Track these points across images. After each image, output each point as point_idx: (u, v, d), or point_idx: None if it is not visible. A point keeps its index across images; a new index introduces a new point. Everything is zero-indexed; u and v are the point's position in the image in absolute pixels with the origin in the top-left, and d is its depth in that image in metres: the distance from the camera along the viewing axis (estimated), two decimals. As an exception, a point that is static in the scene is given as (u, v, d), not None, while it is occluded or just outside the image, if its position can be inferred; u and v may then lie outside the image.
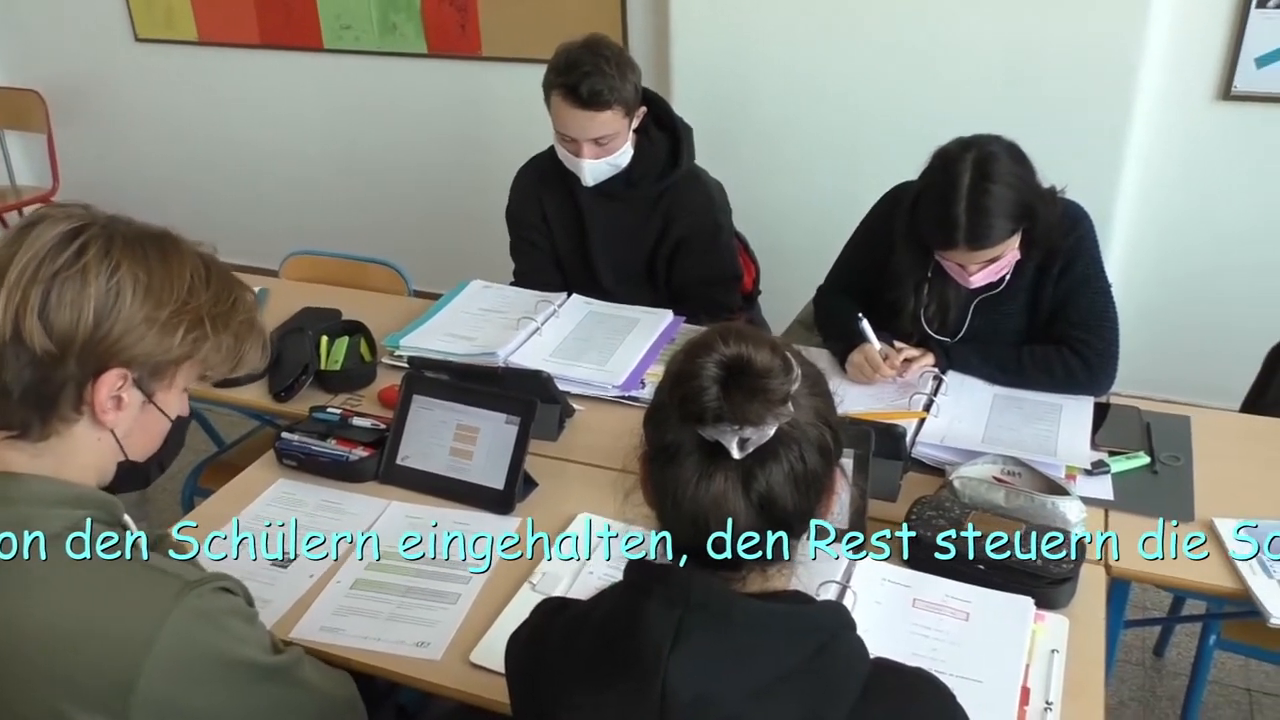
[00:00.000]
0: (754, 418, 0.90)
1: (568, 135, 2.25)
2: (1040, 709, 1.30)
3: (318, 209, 4.19)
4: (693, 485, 0.93)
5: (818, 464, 0.95)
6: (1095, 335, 1.98)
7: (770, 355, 0.91)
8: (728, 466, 0.92)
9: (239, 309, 1.22)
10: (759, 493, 0.92)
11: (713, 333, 0.92)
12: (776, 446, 0.92)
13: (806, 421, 0.94)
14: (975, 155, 1.84)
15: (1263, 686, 2.40)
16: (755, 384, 0.89)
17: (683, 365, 0.91)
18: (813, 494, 0.96)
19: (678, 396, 0.91)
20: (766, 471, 0.92)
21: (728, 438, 0.91)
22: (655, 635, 0.91)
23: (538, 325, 2.22)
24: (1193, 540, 1.60)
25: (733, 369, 0.90)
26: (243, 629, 1.14)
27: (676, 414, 0.92)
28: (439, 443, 1.80)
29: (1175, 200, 2.99)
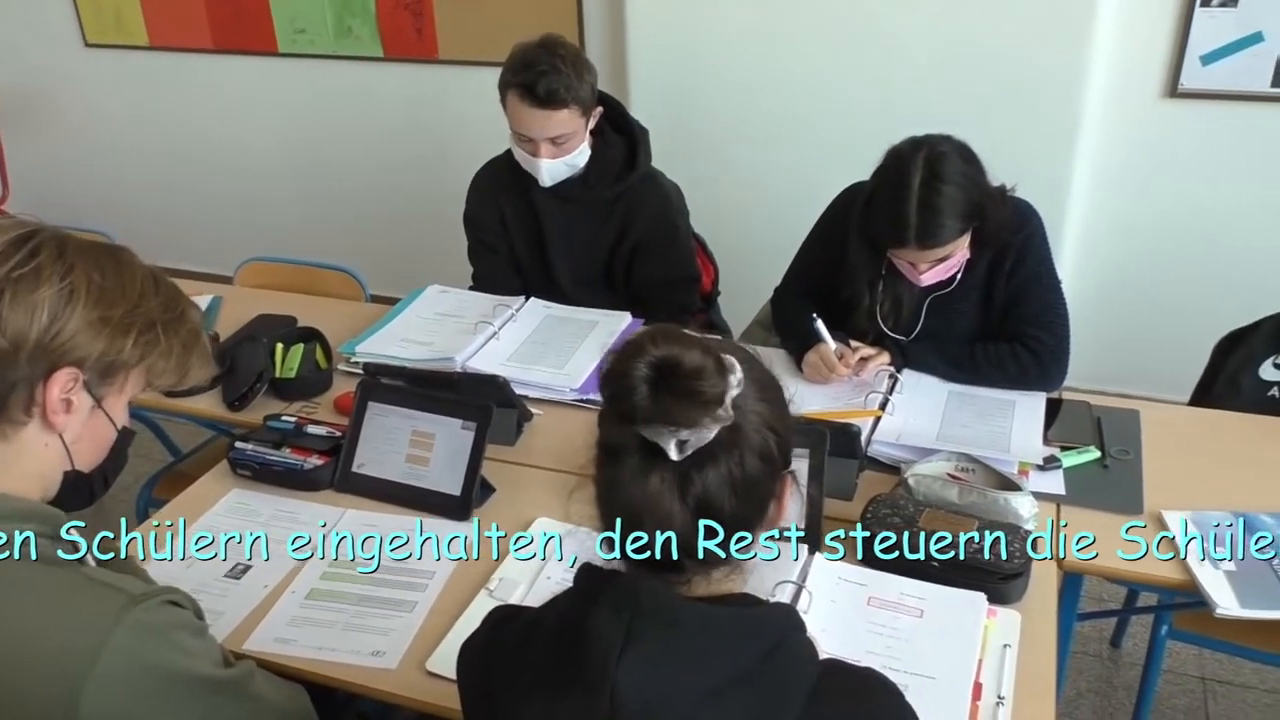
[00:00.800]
0: (685, 419, 0.89)
1: (525, 135, 2.24)
2: (992, 704, 1.31)
3: (274, 215, 4.15)
4: (629, 485, 0.93)
5: (759, 471, 0.95)
6: (1046, 332, 2.00)
7: (701, 356, 0.91)
8: (665, 468, 0.91)
9: (187, 319, 1.23)
10: (695, 496, 0.92)
11: (644, 333, 0.92)
12: (716, 450, 0.92)
13: (751, 427, 0.94)
14: (926, 155, 1.86)
15: (1216, 675, 2.44)
16: (684, 385, 0.89)
17: (613, 365, 0.91)
18: (753, 501, 0.96)
19: (608, 396, 0.91)
20: (704, 475, 0.92)
21: (665, 439, 0.91)
22: (604, 641, 0.91)
23: (495, 329, 2.21)
24: (1141, 533, 1.63)
25: (662, 369, 0.89)
26: (191, 643, 1.13)
27: (613, 414, 0.92)
28: (395, 450, 1.79)
29: (1125, 196, 3.04)
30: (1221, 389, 2.09)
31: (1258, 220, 2.94)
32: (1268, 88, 2.76)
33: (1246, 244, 2.98)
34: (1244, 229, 2.97)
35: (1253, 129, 2.84)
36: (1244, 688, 2.41)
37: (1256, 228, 2.95)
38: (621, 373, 0.90)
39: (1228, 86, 2.79)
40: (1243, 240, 2.98)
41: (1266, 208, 2.92)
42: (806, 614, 1.44)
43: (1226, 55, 2.77)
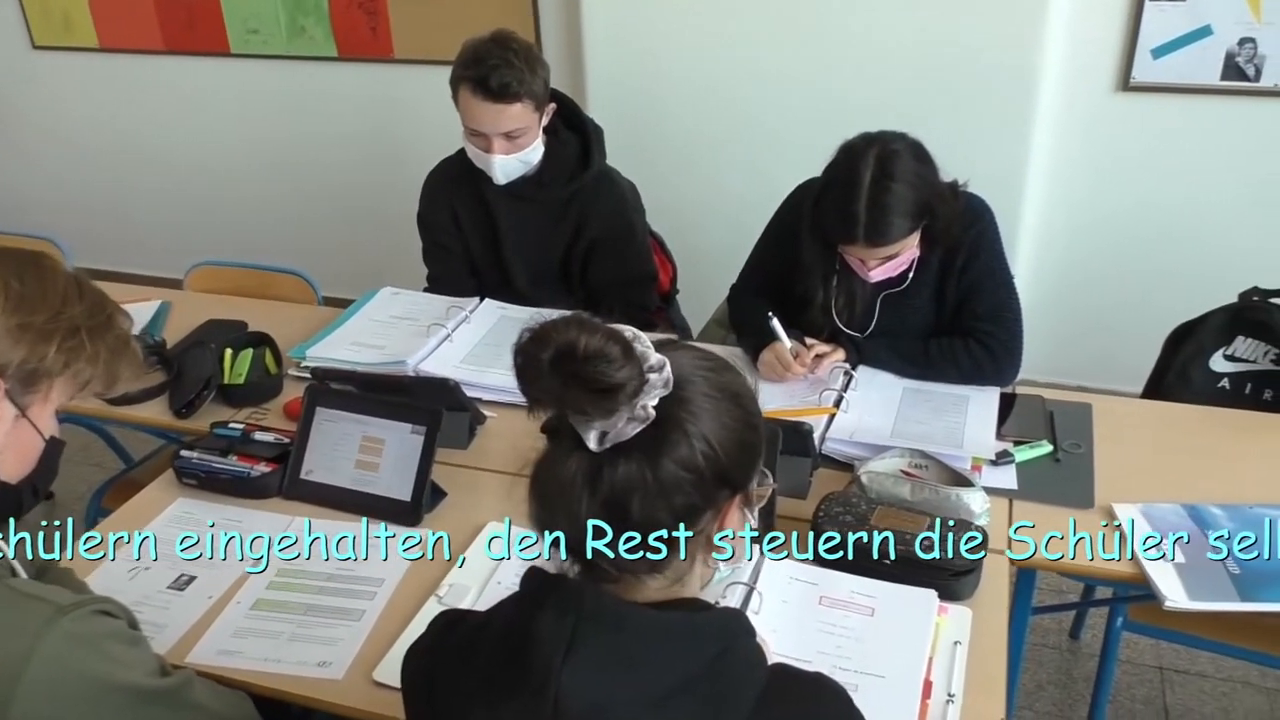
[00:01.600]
0: (586, 407, 0.88)
1: (477, 130, 2.21)
2: (942, 701, 1.31)
3: (227, 217, 4.10)
4: (551, 467, 0.92)
5: (679, 481, 0.91)
6: (999, 327, 2.01)
7: (604, 342, 0.88)
8: (581, 456, 0.91)
9: (113, 326, 1.21)
10: (604, 492, 0.90)
11: (560, 318, 0.90)
12: (632, 449, 0.90)
13: (681, 433, 0.91)
14: (878, 152, 1.86)
15: (1174, 664, 2.46)
16: (581, 369, 0.87)
17: (519, 346, 0.90)
18: (669, 511, 0.92)
19: (516, 376, 0.90)
20: (614, 470, 0.90)
21: (583, 426, 0.90)
22: (548, 645, 0.90)
23: (448, 332, 2.19)
24: (1092, 527, 1.63)
25: (560, 351, 0.87)
26: (124, 652, 1.11)
27: (523, 393, 0.91)
28: (344, 455, 1.76)
29: (1080, 190, 3.06)
30: (1173, 381, 2.10)
31: (1209, 213, 2.97)
32: (1217, 81, 2.78)
33: (1199, 236, 3.00)
34: (1196, 221, 2.99)
35: (1203, 122, 2.86)
36: (1200, 676, 2.43)
37: (1208, 220, 2.98)
38: (526, 353, 0.89)
39: (1178, 80, 2.82)
40: (1195, 233, 3.01)
41: (1217, 200, 2.95)
42: (757, 615, 1.43)
43: (1176, 49, 2.79)
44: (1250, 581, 1.48)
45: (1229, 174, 2.90)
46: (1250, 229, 2.95)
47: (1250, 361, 2.05)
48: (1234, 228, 2.96)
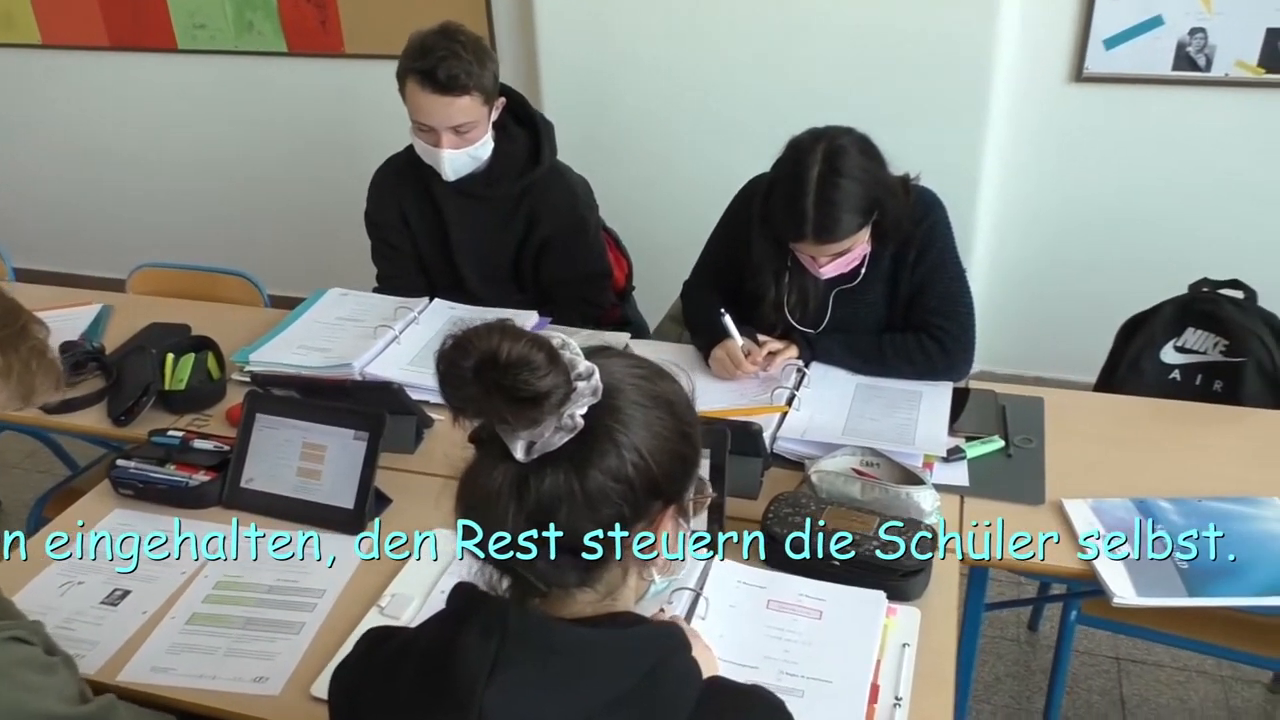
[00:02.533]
0: (510, 416, 0.85)
1: (425, 124, 2.16)
2: (889, 705, 1.29)
3: (172, 217, 4.03)
4: (478, 477, 0.89)
5: (608, 492, 0.89)
6: (951, 321, 1.99)
7: (527, 349, 0.85)
8: (508, 467, 0.88)
9: (28, 336, 1.16)
10: (531, 504, 0.88)
11: (482, 325, 0.87)
12: (559, 459, 0.88)
13: (611, 444, 0.89)
14: (825, 148, 1.83)
15: (1130, 655, 2.47)
16: (504, 377, 0.84)
17: (441, 354, 0.86)
18: (596, 523, 0.89)
19: (439, 385, 0.87)
20: (540, 480, 0.87)
21: (509, 437, 0.87)
22: (471, 666, 0.87)
23: (396, 333, 2.15)
24: (1042, 523, 1.62)
25: (484, 361, 0.84)
26: (37, 680, 1.07)
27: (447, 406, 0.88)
28: (285, 463, 1.72)
29: (1035, 181, 3.05)
30: (1125, 373, 2.10)
31: (1162, 203, 2.98)
32: (1168, 71, 2.79)
33: (1153, 227, 3.01)
34: (1150, 212, 3.00)
35: (1155, 112, 2.87)
36: (1156, 666, 2.44)
37: (1162, 211, 2.99)
38: (449, 361, 0.85)
39: (1130, 70, 2.82)
40: (1149, 223, 3.02)
41: (1170, 191, 2.96)
42: (704, 620, 1.41)
43: (1128, 39, 2.79)
44: (1198, 576, 1.48)
45: (1181, 165, 2.91)
46: (1202, 219, 2.96)
47: (1200, 353, 2.05)
48: (1187, 218, 2.97)
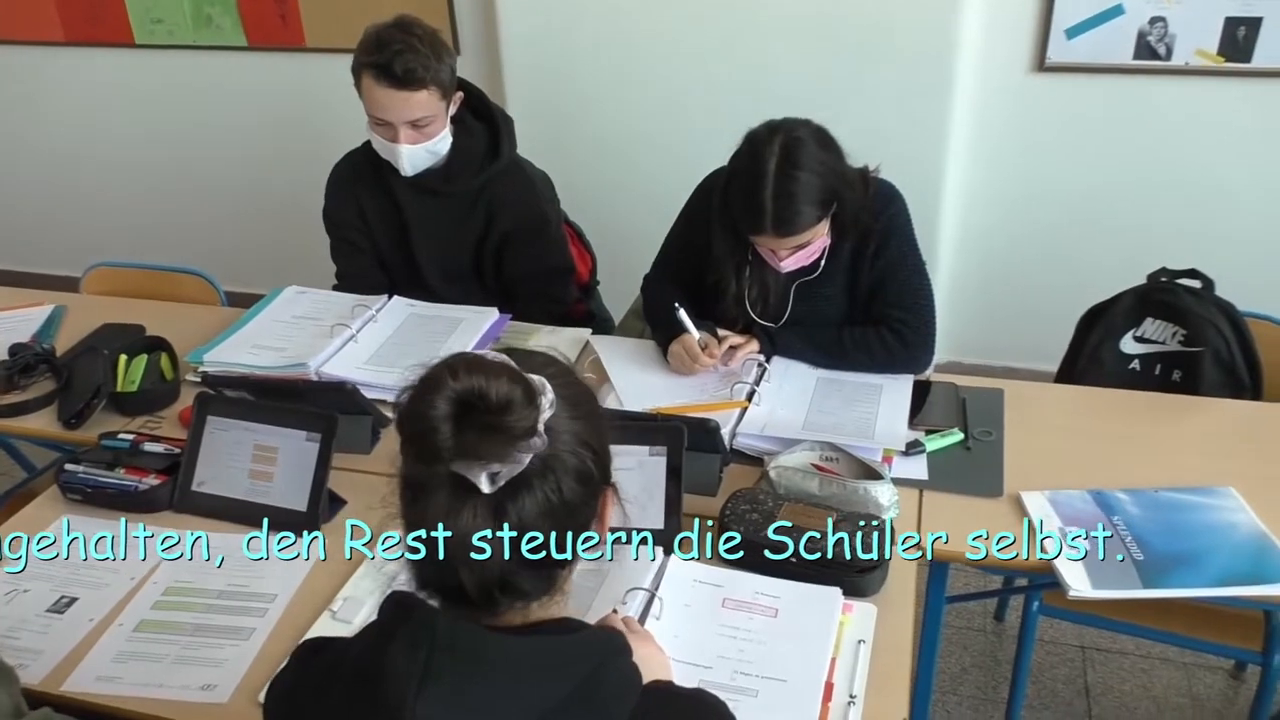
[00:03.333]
0: (494, 455, 0.84)
1: (382, 119, 2.13)
2: (844, 704, 1.28)
3: (129, 215, 3.97)
4: (441, 521, 0.86)
5: (577, 493, 0.90)
6: (911, 314, 1.99)
7: (509, 386, 0.84)
8: (477, 502, 0.86)
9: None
10: (511, 528, 0.87)
11: (443, 366, 0.85)
12: (530, 478, 0.87)
13: (565, 449, 0.89)
14: (782, 141, 1.82)
15: (1095, 644, 2.48)
16: (491, 420, 0.83)
17: (410, 405, 0.84)
18: (574, 523, 0.92)
19: (406, 437, 0.84)
20: (519, 505, 0.87)
21: (475, 473, 0.85)
22: (400, 679, 0.85)
23: (353, 332, 2.12)
24: (1000, 516, 1.62)
25: (466, 405, 0.83)
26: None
27: (412, 454, 0.86)
28: (237, 465, 1.70)
29: (999, 171, 3.05)
30: (1085, 364, 2.10)
31: (1124, 192, 2.98)
32: (1129, 60, 2.78)
33: (1115, 216, 3.02)
34: (1112, 201, 3.00)
35: (1116, 101, 2.87)
36: (1120, 654, 2.45)
37: (1123, 200, 2.99)
38: (419, 413, 0.83)
39: (1092, 59, 2.81)
40: (1112, 213, 3.02)
41: (1132, 180, 2.96)
42: (658, 620, 1.39)
43: (1090, 28, 2.78)
44: (1152, 567, 1.48)
45: (1143, 154, 2.91)
46: (1164, 208, 2.97)
47: (1159, 343, 2.05)
48: (1149, 207, 2.98)
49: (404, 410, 0.84)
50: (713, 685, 1.30)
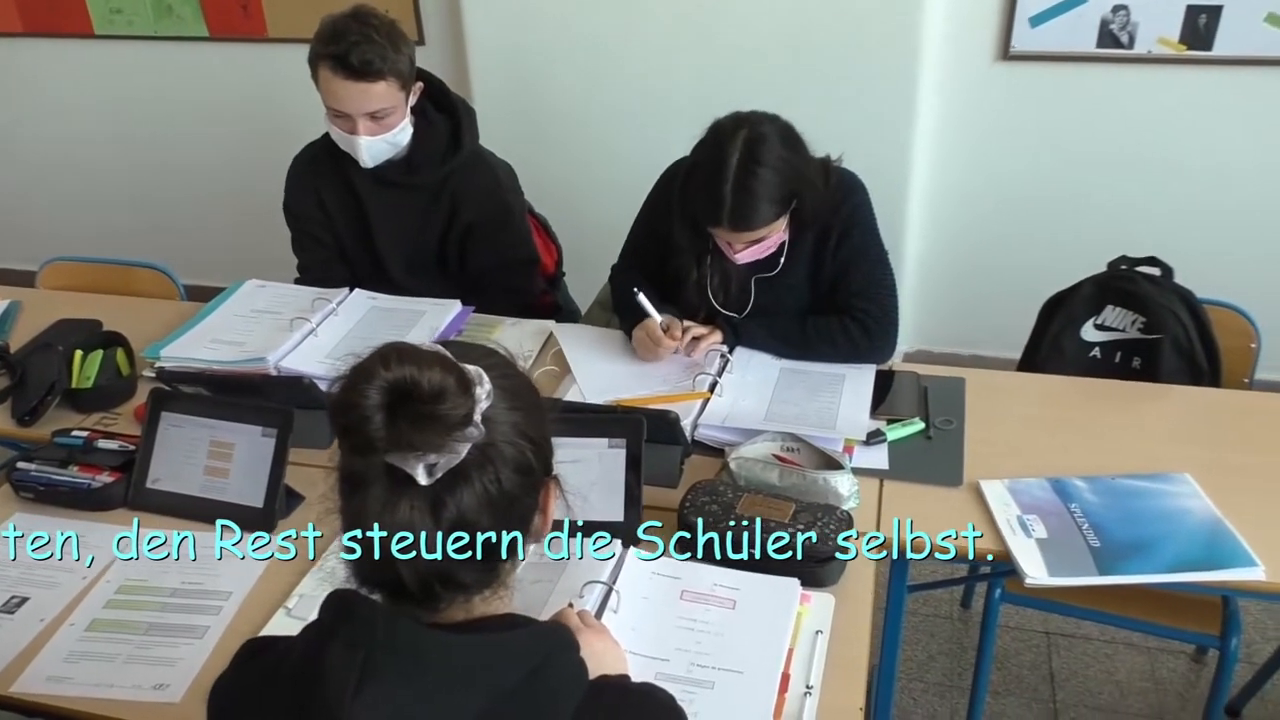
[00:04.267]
0: (429, 445, 0.83)
1: (340, 111, 2.11)
2: (800, 694, 1.28)
3: (89, 208, 3.92)
4: (378, 515, 0.86)
5: (517, 485, 0.90)
6: (874, 304, 1.98)
7: (442, 375, 0.83)
8: (414, 494, 0.85)
9: None
10: (449, 520, 0.86)
11: (375, 355, 0.84)
12: (469, 469, 0.86)
13: (503, 440, 0.88)
14: (746, 135, 1.81)
15: (1060, 629, 2.49)
16: (425, 410, 0.82)
17: (341, 395, 0.83)
18: (514, 516, 0.91)
19: (339, 429, 0.83)
20: (457, 497, 0.86)
21: (411, 464, 0.84)
22: (338, 679, 0.84)
23: (313, 326, 2.09)
24: (961, 505, 1.62)
25: (398, 394, 0.82)
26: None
27: (346, 446, 0.85)
28: (192, 462, 1.68)
29: (965, 159, 3.06)
30: (1047, 352, 2.11)
31: (1088, 180, 3.00)
32: (1093, 48, 2.79)
33: (1080, 203, 3.03)
34: (1077, 189, 3.02)
35: (1080, 90, 2.88)
36: (1085, 639, 2.46)
37: (1087, 187, 3.01)
38: (351, 403, 0.82)
39: (1056, 48, 2.82)
40: (1077, 200, 3.03)
41: (1096, 168, 2.98)
42: (616, 614, 1.38)
43: (1053, 16, 2.79)
44: (1108, 554, 1.49)
45: (1106, 142, 2.93)
46: (1126, 196, 2.99)
47: (1120, 330, 2.06)
48: (1113, 194, 2.99)
49: (336, 401, 0.83)
50: (669, 678, 1.30)
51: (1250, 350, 2.07)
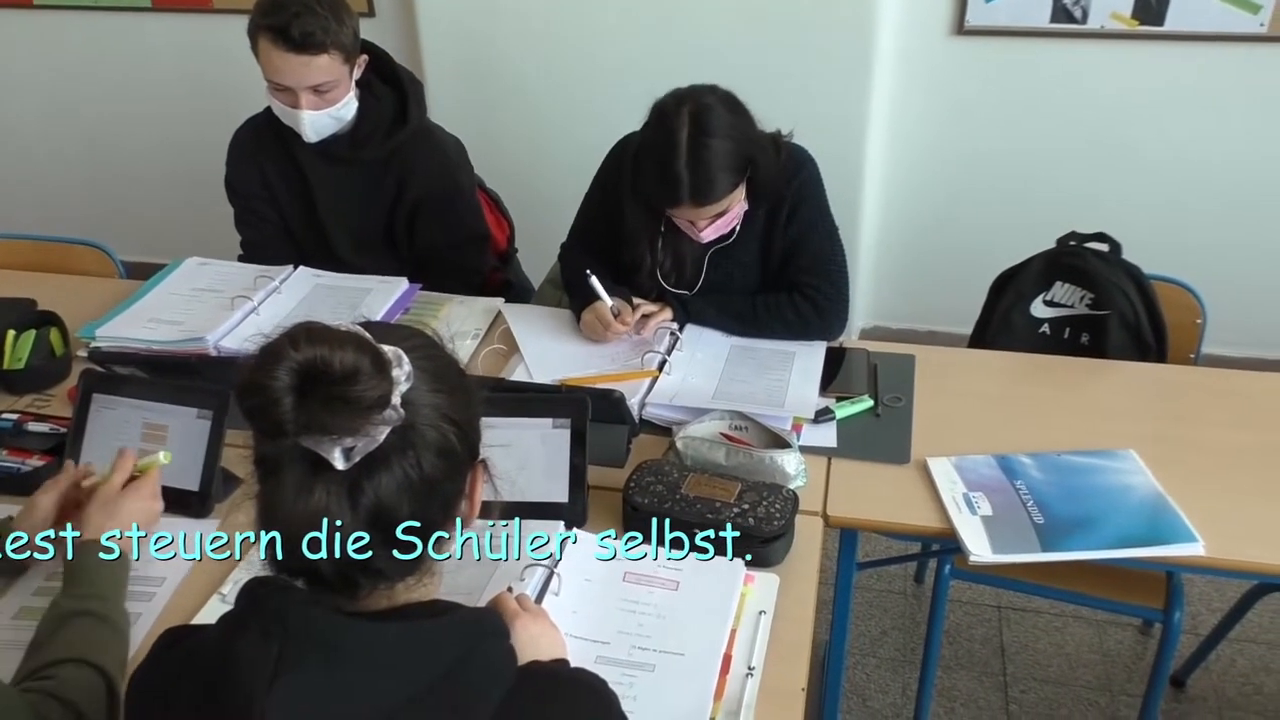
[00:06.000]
0: (343, 428, 0.80)
1: (281, 85, 2.05)
2: (741, 675, 1.27)
3: (25, 184, 3.81)
4: (292, 502, 0.83)
5: (439, 469, 0.87)
6: (824, 280, 1.97)
7: (355, 355, 0.80)
8: (330, 479, 0.82)
9: None
10: (367, 506, 0.83)
11: (284, 336, 0.81)
12: (388, 453, 0.83)
13: (425, 423, 0.86)
14: (691, 109, 1.78)
15: (1011, 603, 2.51)
16: (337, 391, 0.79)
17: (249, 377, 0.80)
18: (436, 501, 0.88)
19: (246, 412, 0.80)
20: (375, 482, 0.83)
21: (327, 448, 0.81)
22: (251, 670, 0.81)
23: (255, 305, 2.05)
24: (908, 482, 1.62)
25: (308, 375, 0.79)
26: None
27: (256, 430, 0.82)
28: (125, 444, 1.62)
29: (921, 135, 3.05)
30: (997, 328, 2.11)
31: (1042, 156, 3.00)
32: (1047, 23, 2.79)
33: (1034, 179, 3.04)
34: (1032, 164, 3.02)
35: (1034, 65, 2.88)
36: (1035, 613, 2.48)
37: (1041, 163, 3.01)
38: (259, 385, 0.79)
39: (1010, 23, 2.81)
40: (1031, 175, 3.04)
41: (1049, 143, 2.98)
42: (557, 596, 1.36)
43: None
44: (1052, 531, 1.49)
45: (1059, 117, 2.93)
46: (1078, 171, 2.99)
47: (1068, 306, 2.06)
48: (1065, 170, 3.00)
49: (243, 383, 0.80)
50: (610, 661, 1.28)
51: (1196, 326, 2.08)
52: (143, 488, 1.42)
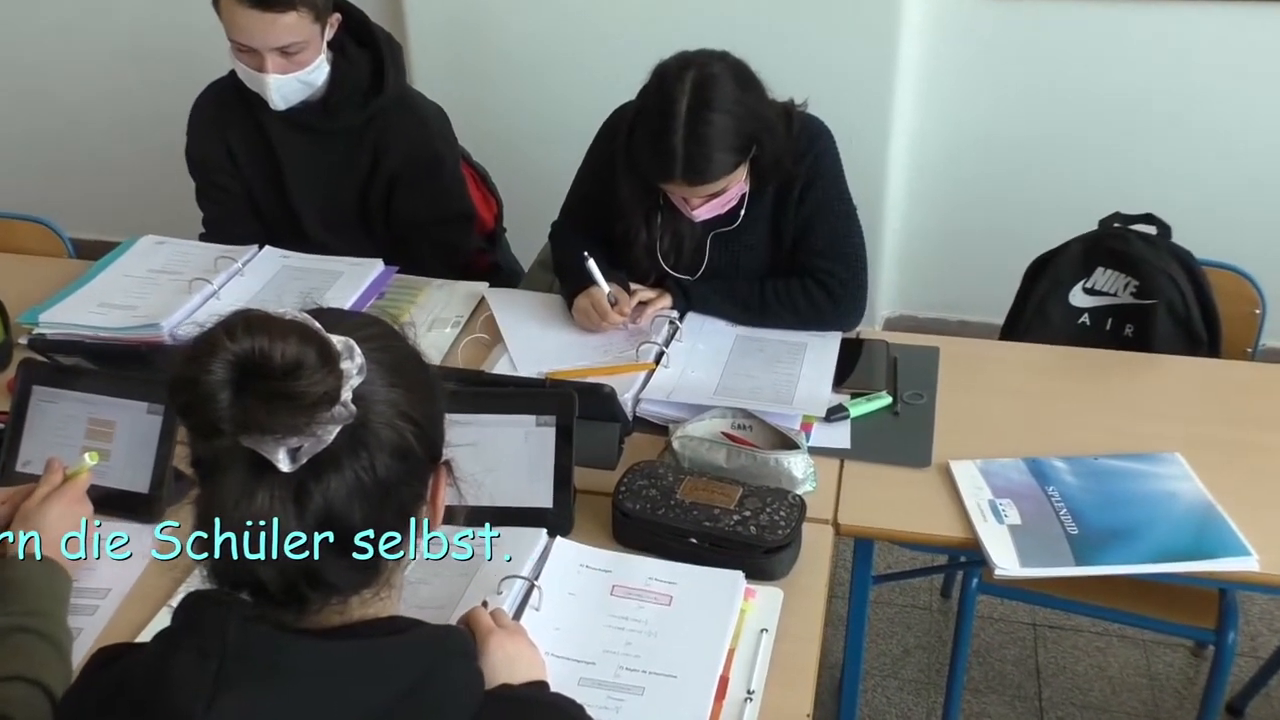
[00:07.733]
0: (285, 427, 0.78)
1: (245, 45, 2.04)
2: (739, 700, 1.26)
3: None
4: (234, 506, 0.82)
5: (395, 473, 0.86)
6: (839, 264, 1.95)
7: (299, 346, 0.79)
8: (274, 482, 0.81)
9: None
10: (315, 512, 0.82)
11: (220, 326, 0.80)
12: (338, 455, 0.82)
13: (380, 421, 0.85)
14: (694, 77, 1.76)
15: (1047, 620, 2.50)
16: (277, 386, 0.78)
17: (180, 370, 0.78)
18: (392, 507, 0.87)
19: (179, 409, 0.79)
20: (323, 485, 0.82)
21: (270, 448, 0.80)
22: (185, 695, 0.80)
23: (215, 288, 2.04)
24: (928, 488, 1.60)
25: (245, 369, 0.77)
26: None
27: (190, 429, 0.81)
28: (68, 442, 1.62)
29: (951, 105, 3.03)
30: (1031, 318, 2.09)
31: (1085, 129, 2.97)
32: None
33: (1076, 155, 3.01)
34: (1073, 139, 3.00)
35: (1075, 29, 2.85)
36: (1075, 631, 2.47)
37: (1084, 137, 2.98)
38: (191, 380, 0.77)
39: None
40: (1073, 151, 3.01)
41: (1093, 115, 2.95)
42: (538, 611, 1.35)
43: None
44: (1086, 542, 1.47)
45: (1106, 88, 2.91)
46: (1125, 146, 2.97)
47: (1111, 295, 2.04)
48: (1112, 145, 2.98)
49: (174, 377, 0.78)
50: (595, 683, 1.27)
51: (1254, 317, 2.06)
52: (66, 492, 1.42)
